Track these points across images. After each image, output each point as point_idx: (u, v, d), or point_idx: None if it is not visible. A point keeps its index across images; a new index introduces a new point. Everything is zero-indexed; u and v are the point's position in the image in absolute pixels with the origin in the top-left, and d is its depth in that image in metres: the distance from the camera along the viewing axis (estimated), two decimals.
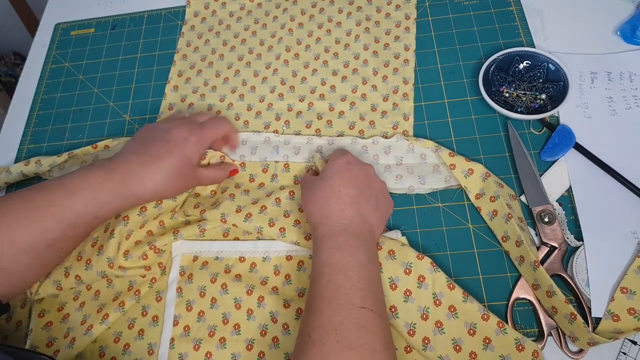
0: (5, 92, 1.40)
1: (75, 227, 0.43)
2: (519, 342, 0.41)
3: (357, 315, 0.37)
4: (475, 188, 0.49)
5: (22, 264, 0.41)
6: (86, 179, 0.43)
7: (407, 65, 0.60)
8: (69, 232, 0.43)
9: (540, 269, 0.43)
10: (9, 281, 0.40)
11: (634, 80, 0.54)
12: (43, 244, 0.41)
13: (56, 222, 0.42)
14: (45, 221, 0.41)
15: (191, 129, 0.48)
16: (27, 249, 0.41)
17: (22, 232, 0.40)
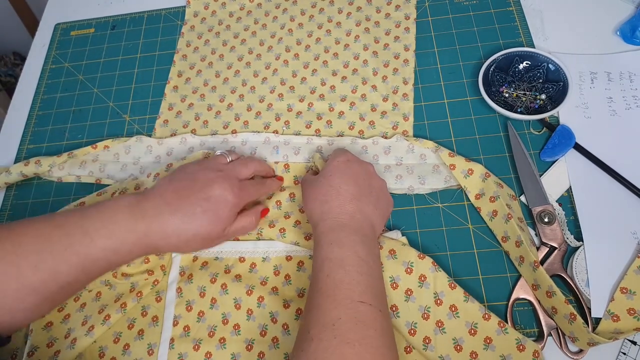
0: (5, 92, 1.40)
1: (90, 272, 0.40)
2: (520, 342, 0.41)
3: (355, 310, 0.37)
4: (475, 188, 0.49)
5: (29, 303, 0.38)
6: (109, 224, 0.40)
7: (407, 65, 0.60)
8: (82, 276, 0.40)
9: (540, 269, 0.43)
10: (12, 319, 0.38)
11: (634, 80, 0.54)
12: (54, 285, 0.39)
13: (71, 266, 0.39)
14: (59, 265, 0.39)
15: (232, 187, 0.44)
16: (37, 289, 0.38)
17: (33, 272, 0.38)
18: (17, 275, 0.37)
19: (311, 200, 0.45)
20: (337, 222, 0.42)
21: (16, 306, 0.38)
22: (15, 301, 0.38)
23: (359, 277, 0.39)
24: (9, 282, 0.37)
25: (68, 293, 0.41)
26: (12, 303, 0.38)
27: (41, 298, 0.39)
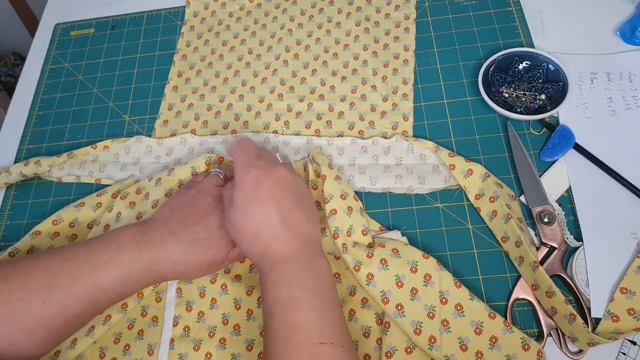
0: (5, 92, 1.40)
1: (98, 303, 0.41)
2: (525, 342, 0.41)
3: (317, 355, 0.35)
4: (475, 188, 0.49)
5: (36, 339, 0.38)
6: (116, 256, 0.41)
7: (406, 65, 0.60)
8: (90, 308, 0.41)
9: (539, 269, 0.43)
10: (19, 355, 0.38)
11: (634, 80, 0.54)
12: (62, 319, 0.39)
13: (79, 299, 0.39)
14: (68, 298, 0.39)
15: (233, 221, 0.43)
16: (44, 323, 0.38)
17: (41, 306, 0.38)
18: (26, 310, 0.38)
19: (241, 240, 0.42)
20: (276, 258, 0.40)
21: (25, 341, 0.38)
22: (24, 336, 0.38)
23: (314, 314, 0.37)
24: (19, 318, 0.38)
25: (75, 326, 0.41)
26: (21, 338, 0.38)
27: (48, 332, 0.39)
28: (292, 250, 0.40)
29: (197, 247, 0.43)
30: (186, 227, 0.43)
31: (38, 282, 0.39)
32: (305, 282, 0.39)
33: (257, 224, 0.41)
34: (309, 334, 0.36)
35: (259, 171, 0.42)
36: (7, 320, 0.38)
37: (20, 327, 0.38)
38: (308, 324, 0.37)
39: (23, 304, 0.38)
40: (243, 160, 0.43)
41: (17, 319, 0.38)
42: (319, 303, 0.38)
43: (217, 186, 0.47)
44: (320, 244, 0.44)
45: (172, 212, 0.45)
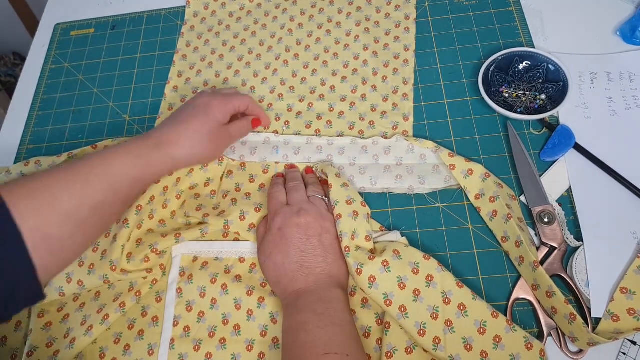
0: (5, 92, 1.40)
1: (117, 190, 0.44)
2: (528, 340, 0.41)
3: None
4: (475, 188, 0.49)
5: (66, 231, 0.40)
6: (123, 147, 0.45)
7: (406, 65, 0.60)
8: (111, 195, 0.43)
9: (539, 269, 0.42)
10: (51, 249, 0.40)
11: (634, 80, 0.54)
12: (86, 209, 0.42)
13: (98, 186, 0.42)
14: (88, 187, 0.42)
15: (215, 95, 0.51)
16: (71, 214, 0.41)
17: (65, 197, 0.41)
18: (52, 203, 0.40)
19: (270, 282, 0.47)
20: (293, 296, 0.44)
21: (55, 233, 0.40)
22: (55, 228, 0.40)
23: (320, 332, 0.40)
24: (46, 211, 0.39)
25: (100, 217, 0.43)
26: (51, 230, 0.39)
27: (76, 224, 0.41)
28: (307, 286, 0.44)
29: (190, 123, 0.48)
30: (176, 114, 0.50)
31: (58, 177, 0.42)
32: (315, 308, 0.42)
33: (278, 268, 0.45)
34: (315, 348, 0.39)
35: (284, 220, 0.47)
36: (38, 213, 0.39)
37: (50, 219, 0.40)
38: (315, 340, 0.39)
39: (50, 197, 0.40)
40: (272, 208, 0.49)
41: (46, 211, 0.39)
42: (327, 323, 0.40)
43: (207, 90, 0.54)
44: (338, 276, 0.45)
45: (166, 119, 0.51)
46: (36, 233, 0.38)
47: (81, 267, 0.48)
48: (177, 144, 0.47)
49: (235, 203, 0.52)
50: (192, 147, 0.48)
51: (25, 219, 0.38)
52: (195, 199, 0.54)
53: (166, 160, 0.47)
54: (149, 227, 0.52)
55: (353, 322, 0.42)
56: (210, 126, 0.49)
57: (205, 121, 0.49)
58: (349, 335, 0.41)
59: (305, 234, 0.46)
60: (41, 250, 0.39)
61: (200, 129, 0.48)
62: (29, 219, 0.38)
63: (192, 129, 0.48)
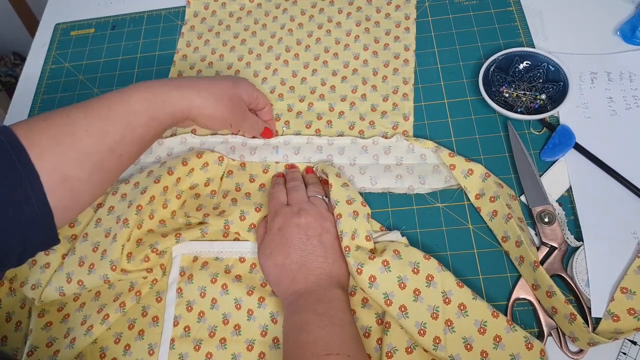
0: (5, 92, 1.40)
1: (134, 129, 0.43)
2: (528, 340, 0.41)
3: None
4: (475, 188, 0.49)
5: (85, 171, 0.40)
6: (143, 83, 0.45)
7: (407, 65, 0.60)
8: (128, 134, 0.43)
9: (540, 269, 0.43)
10: (71, 191, 0.39)
11: (634, 80, 0.54)
12: (104, 147, 0.41)
13: (116, 124, 0.42)
14: (106, 124, 0.41)
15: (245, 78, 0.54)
16: (90, 153, 0.40)
17: (84, 135, 0.40)
18: (72, 141, 0.39)
19: (270, 282, 0.47)
20: (293, 296, 0.44)
21: (74, 174, 0.39)
22: (74, 168, 0.39)
23: (321, 332, 0.40)
24: (67, 150, 0.39)
25: (118, 158, 0.42)
26: (71, 170, 0.39)
27: (94, 164, 0.40)
28: (307, 286, 0.44)
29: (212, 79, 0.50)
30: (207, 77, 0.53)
31: (76, 115, 0.41)
32: (315, 308, 0.42)
33: (278, 269, 0.45)
34: (316, 348, 0.39)
35: (284, 220, 0.47)
36: (57, 153, 0.38)
37: (69, 159, 0.39)
38: (316, 340, 0.39)
39: (68, 137, 0.39)
40: (272, 208, 0.49)
41: (66, 151, 0.39)
42: (327, 323, 0.40)
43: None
44: (339, 276, 0.45)
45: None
46: (55, 174, 0.38)
47: (81, 266, 0.48)
48: (196, 90, 0.47)
49: (236, 203, 0.52)
50: (208, 99, 0.48)
51: (45, 159, 0.37)
52: (196, 199, 0.54)
53: (182, 102, 0.46)
54: (149, 227, 0.52)
55: (354, 322, 0.42)
56: (233, 93, 0.50)
57: (231, 86, 0.50)
58: (350, 335, 0.41)
59: (305, 234, 0.46)
60: (60, 191, 0.38)
61: (222, 89, 0.49)
62: (49, 160, 0.37)
63: (216, 85, 0.49)
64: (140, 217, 0.50)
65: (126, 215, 0.49)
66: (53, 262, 0.50)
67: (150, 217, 0.51)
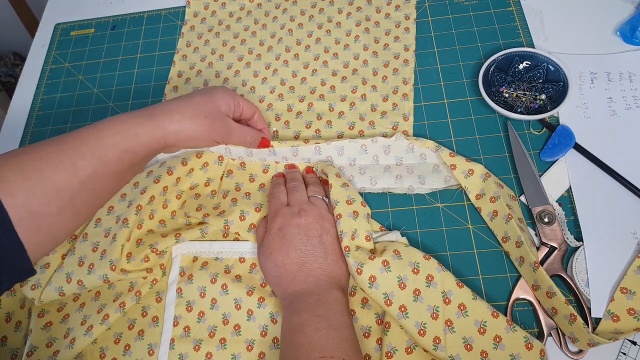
0: (5, 92, 1.40)
1: (106, 162, 0.42)
2: (528, 340, 0.41)
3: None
4: (476, 188, 0.49)
5: (54, 207, 0.39)
6: (116, 117, 0.44)
7: (406, 65, 0.60)
8: (100, 168, 0.42)
9: (540, 269, 0.43)
10: (39, 227, 0.39)
11: (634, 80, 0.54)
12: (75, 182, 0.41)
13: (87, 158, 0.41)
14: (76, 158, 0.41)
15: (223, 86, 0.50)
16: (59, 189, 0.40)
17: (54, 171, 0.39)
18: (40, 178, 0.39)
19: (270, 283, 0.47)
20: (293, 296, 0.44)
21: (42, 210, 0.39)
22: (42, 205, 0.39)
23: (318, 335, 0.40)
24: (34, 187, 0.38)
25: (89, 193, 0.42)
26: (39, 207, 0.39)
27: (64, 199, 0.40)
28: (306, 287, 0.44)
29: (191, 99, 0.47)
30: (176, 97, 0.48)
31: (46, 151, 0.40)
32: (313, 310, 0.41)
33: (278, 269, 0.45)
34: (311, 351, 0.39)
35: (284, 220, 0.46)
36: (24, 189, 0.38)
37: (38, 195, 0.38)
38: (312, 342, 0.39)
39: (37, 173, 0.39)
40: (272, 209, 0.48)
41: (34, 187, 0.38)
42: (325, 325, 0.40)
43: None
44: (338, 277, 0.45)
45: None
46: (23, 210, 0.38)
47: (81, 266, 0.48)
48: (169, 116, 0.45)
49: (236, 203, 0.52)
50: (184, 121, 0.45)
51: (13, 195, 0.37)
52: (196, 199, 0.54)
53: (156, 132, 0.45)
54: (149, 227, 0.52)
55: (352, 325, 0.42)
56: (210, 107, 0.47)
57: (206, 101, 0.47)
58: (347, 338, 0.40)
59: (305, 235, 0.46)
60: (29, 227, 0.38)
61: (195, 108, 0.46)
62: (17, 196, 0.37)
63: (189, 104, 0.46)
64: (140, 217, 0.50)
65: (126, 215, 0.49)
66: (53, 262, 0.50)
67: (150, 217, 0.51)
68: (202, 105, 0.47)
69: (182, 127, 0.46)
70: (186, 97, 0.48)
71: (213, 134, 0.49)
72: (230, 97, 0.49)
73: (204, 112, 0.47)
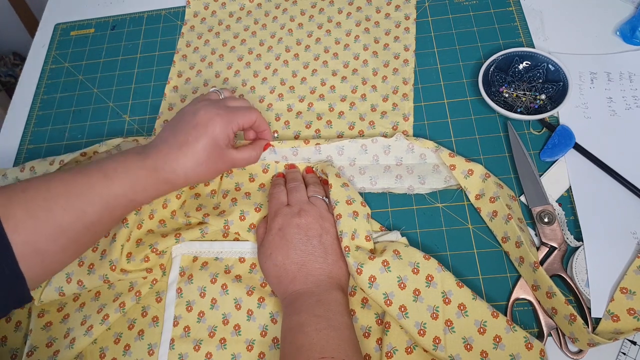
0: (5, 92, 1.40)
1: (113, 209, 0.43)
2: (528, 340, 0.41)
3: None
4: (475, 189, 0.49)
5: (59, 245, 0.40)
6: (124, 165, 0.44)
7: (406, 65, 0.60)
8: (106, 214, 0.43)
9: (540, 270, 0.42)
10: (42, 262, 0.40)
11: (634, 80, 0.54)
12: (81, 225, 0.41)
13: (95, 205, 0.42)
14: (85, 204, 0.41)
15: (218, 110, 0.47)
16: (65, 230, 0.40)
17: (62, 213, 0.40)
18: (48, 218, 0.40)
19: (270, 282, 0.47)
20: (293, 296, 0.44)
21: (48, 248, 0.40)
22: (48, 243, 0.40)
23: (318, 335, 0.40)
24: (42, 225, 0.39)
25: (93, 234, 0.43)
26: (45, 245, 0.39)
27: (69, 239, 0.41)
28: (306, 287, 0.44)
29: (189, 149, 0.45)
30: (176, 133, 0.46)
31: (56, 191, 0.41)
32: (313, 310, 0.42)
33: (278, 269, 0.45)
34: (311, 352, 0.39)
35: (284, 220, 0.46)
36: (31, 227, 0.39)
37: (44, 234, 0.39)
38: (312, 343, 0.39)
39: (45, 212, 0.40)
40: (272, 209, 0.48)
41: (40, 226, 0.39)
42: (325, 326, 0.40)
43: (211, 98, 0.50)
44: (339, 278, 0.45)
45: (167, 125, 0.48)
46: (28, 247, 0.39)
47: (81, 267, 0.48)
48: (174, 170, 0.45)
49: (236, 203, 0.52)
50: (188, 171, 0.46)
51: (19, 232, 0.38)
52: (196, 199, 0.54)
53: (163, 184, 0.46)
54: (149, 227, 0.52)
55: (352, 325, 0.42)
56: (210, 150, 0.46)
57: (205, 145, 0.46)
58: (347, 339, 0.41)
59: (305, 235, 0.46)
60: (31, 262, 0.39)
61: (199, 154, 0.46)
62: (23, 233, 0.38)
63: (190, 154, 0.45)
64: (140, 217, 0.50)
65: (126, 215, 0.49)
66: None
67: (150, 217, 0.51)
68: (203, 152, 0.46)
69: (187, 177, 0.46)
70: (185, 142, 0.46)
71: (218, 172, 0.49)
72: (227, 123, 0.47)
73: (206, 160, 0.46)
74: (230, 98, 0.51)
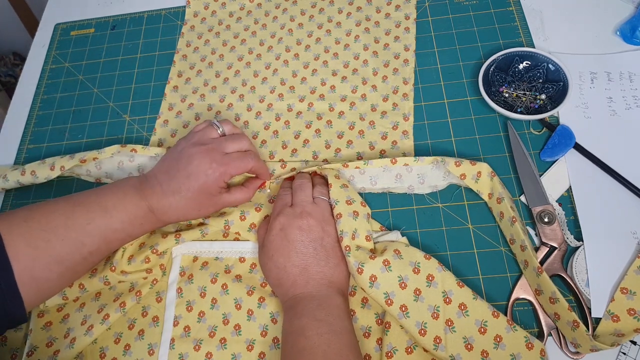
0: (5, 92, 1.40)
1: (110, 242, 0.45)
2: (528, 340, 0.41)
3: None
4: (487, 188, 0.49)
5: (55, 273, 0.42)
6: (122, 201, 0.45)
7: (407, 65, 0.60)
8: (103, 246, 0.45)
9: (543, 275, 0.42)
10: (38, 288, 0.42)
11: (634, 80, 0.54)
12: (78, 256, 0.43)
13: (93, 237, 0.44)
14: (84, 236, 0.43)
15: (212, 162, 0.46)
16: (63, 260, 0.42)
17: (61, 244, 0.42)
18: (47, 248, 0.41)
19: (270, 283, 0.47)
20: (293, 299, 0.44)
21: (43, 275, 0.41)
22: (45, 271, 0.41)
23: (319, 339, 0.40)
24: (41, 255, 0.41)
25: (89, 263, 0.45)
26: (41, 272, 0.41)
27: (65, 268, 0.43)
28: (307, 291, 0.44)
29: (181, 198, 0.46)
30: (170, 179, 0.47)
31: (56, 223, 0.43)
32: (314, 314, 0.42)
33: (279, 270, 0.45)
34: (314, 356, 0.39)
35: (287, 220, 0.46)
36: (30, 256, 0.41)
37: (42, 263, 0.41)
38: (313, 347, 0.39)
39: (44, 243, 0.42)
40: (276, 209, 0.48)
41: (39, 256, 0.41)
42: (326, 330, 0.40)
43: (211, 138, 0.49)
44: (339, 282, 0.45)
45: (163, 164, 0.49)
46: (26, 274, 0.40)
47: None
48: (167, 213, 0.47)
49: None
50: (180, 214, 0.47)
51: (19, 260, 0.40)
52: None
53: (157, 222, 0.47)
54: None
55: (352, 330, 0.42)
56: (201, 199, 0.47)
57: (196, 195, 0.46)
58: (348, 343, 0.41)
59: (307, 237, 0.45)
60: (28, 288, 0.41)
61: (190, 201, 0.46)
62: (22, 261, 0.40)
63: (182, 202, 0.46)
64: None
65: None
66: None
67: None
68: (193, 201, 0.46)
69: (181, 218, 0.48)
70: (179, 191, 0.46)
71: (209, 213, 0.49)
72: (221, 178, 0.47)
73: (196, 206, 0.47)
74: (229, 139, 0.49)
